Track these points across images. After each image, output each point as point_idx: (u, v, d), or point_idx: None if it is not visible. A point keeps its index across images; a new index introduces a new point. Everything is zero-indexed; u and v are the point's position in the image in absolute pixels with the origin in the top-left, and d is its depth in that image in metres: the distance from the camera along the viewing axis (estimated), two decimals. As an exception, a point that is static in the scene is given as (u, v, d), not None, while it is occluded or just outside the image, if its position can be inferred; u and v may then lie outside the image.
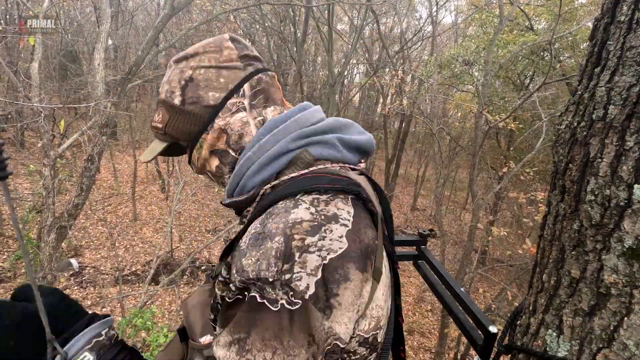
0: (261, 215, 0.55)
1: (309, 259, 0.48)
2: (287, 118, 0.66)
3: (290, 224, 0.50)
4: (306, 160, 0.62)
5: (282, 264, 0.47)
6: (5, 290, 6.43)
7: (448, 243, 11.01)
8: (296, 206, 0.53)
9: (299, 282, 0.47)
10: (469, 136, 11.32)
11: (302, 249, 0.48)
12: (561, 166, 0.70)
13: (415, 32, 13.71)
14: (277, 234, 0.49)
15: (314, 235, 0.49)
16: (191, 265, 7.67)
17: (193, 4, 7.85)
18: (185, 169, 12.04)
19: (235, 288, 0.50)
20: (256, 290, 0.48)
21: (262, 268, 0.47)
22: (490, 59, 5.94)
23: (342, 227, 0.51)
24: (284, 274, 0.47)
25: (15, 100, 5.11)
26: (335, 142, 0.65)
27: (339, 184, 0.56)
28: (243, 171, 0.65)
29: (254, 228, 0.53)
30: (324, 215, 0.52)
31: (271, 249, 0.48)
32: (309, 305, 0.47)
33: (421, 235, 1.22)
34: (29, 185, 8.30)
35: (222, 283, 0.54)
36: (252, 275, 0.48)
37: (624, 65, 0.59)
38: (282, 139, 0.63)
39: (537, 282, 0.75)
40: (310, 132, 0.64)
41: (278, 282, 0.47)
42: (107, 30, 4.26)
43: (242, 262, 0.49)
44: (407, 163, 19.97)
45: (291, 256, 0.48)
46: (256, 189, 0.64)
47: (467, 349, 6.53)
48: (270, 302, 0.47)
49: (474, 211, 6.13)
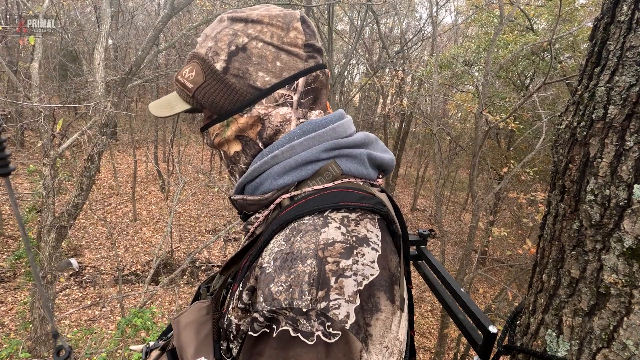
0: (282, 230, 0.51)
1: (345, 284, 0.43)
2: (326, 124, 0.60)
3: (322, 244, 0.46)
4: (333, 173, 0.57)
5: (317, 291, 0.43)
6: (5, 290, 6.43)
7: (448, 243, 11.00)
8: (326, 224, 0.48)
9: (337, 311, 0.42)
10: (469, 136, 11.33)
11: (338, 273, 0.44)
12: (561, 166, 0.70)
13: (415, 32, 13.72)
14: (308, 255, 0.45)
15: (347, 258, 0.45)
16: (191, 265, 7.66)
17: (193, 4, 7.85)
18: (185, 169, 12.05)
19: (263, 319, 0.44)
20: (288, 322, 0.43)
21: (295, 296, 0.43)
22: (491, 59, 5.94)
23: (373, 252, 0.48)
24: (319, 302, 0.42)
25: (15, 100, 5.11)
26: (365, 158, 0.60)
27: (369, 203, 0.53)
28: (264, 168, 0.58)
29: (278, 246, 0.48)
30: (355, 237, 0.48)
31: (303, 274, 0.44)
32: (350, 336, 0.42)
33: (421, 236, 1.22)
34: (29, 185, 8.30)
35: (242, 310, 0.49)
36: (284, 305, 0.43)
37: (624, 65, 0.59)
38: (316, 146, 0.58)
39: (537, 282, 0.75)
40: (344, 144, 0.59)
41: (313, 312, 0.42)
42: (107, 30, 4.26)
43: (271, 289, 0.44)
44: (407, 163, 19.98)
45: (326, 281, 0.43)
46: (272, 193, 0.58)
47: (467, 349, 6.52)
48: (305, 336, 0.42)
49: (474, 211, 6.13)
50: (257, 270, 0.48)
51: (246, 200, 0.61)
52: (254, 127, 0.60)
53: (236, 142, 0.62)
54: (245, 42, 0.59)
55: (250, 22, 0.60)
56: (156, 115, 0.65)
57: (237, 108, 0.59)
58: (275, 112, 0.59)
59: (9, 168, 0.53)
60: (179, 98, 0.64)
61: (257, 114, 0.59)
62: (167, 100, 0.65)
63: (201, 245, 8.02)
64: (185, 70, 0.62)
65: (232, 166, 0.65)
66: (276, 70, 0.59)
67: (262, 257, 0.49)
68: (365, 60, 15.14)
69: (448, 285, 1.01)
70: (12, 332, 5.50)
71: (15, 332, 5.43)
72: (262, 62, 0.58)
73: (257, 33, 0.59)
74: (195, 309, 0.62)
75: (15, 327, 5.59)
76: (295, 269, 0.44)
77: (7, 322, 5.77)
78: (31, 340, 4.43)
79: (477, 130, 5.90)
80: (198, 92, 0.61)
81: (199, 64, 0.60)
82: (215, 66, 0.59)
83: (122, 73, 4.27)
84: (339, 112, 0.64)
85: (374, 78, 10.50)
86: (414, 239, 1.22)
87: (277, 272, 0.45)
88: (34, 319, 4.40)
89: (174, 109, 0.63)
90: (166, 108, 0.64)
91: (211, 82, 0.59)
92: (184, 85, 0.62)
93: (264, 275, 0.46)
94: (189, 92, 0.61)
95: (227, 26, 0.60)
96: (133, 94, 13.14)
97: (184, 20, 11.51)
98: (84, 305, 6.46)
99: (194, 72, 0.61)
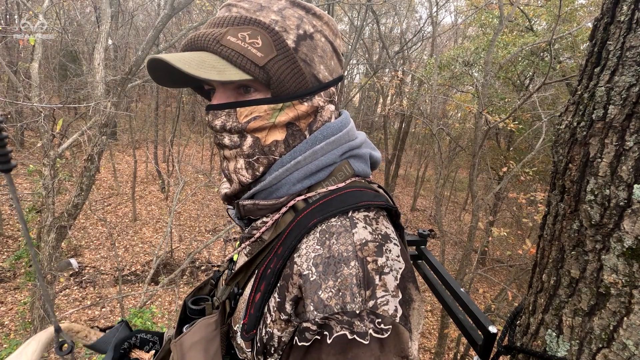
0: (310, 234, 0.50)
1: (387, 280, 0.45)
2: (342, 127, 0.60)
3: (359, 245, 0.46)
4: (346, 173, 0.58)
5: (365, 291, 0.44)
6: (5, 290, 6.43)
7: (448, 243, 11.00)
8: (354, 225, 0.49)
9: (387, 307, 0.44)
10: (469, 137, 11.33)
11: (379, 271, 0.45)
12: (561, 166, 0.70)
13: (415, 32, 13.72)
14: (350, 257, 0.45)
15: (381, 256, 0.46)
16: (191, 265, 7.66)
17: (193, 4, 7.85)
18: (185, 169, 12.04)
19: (316, 327, 0.44)
20: (344, 326, 0.43)
21: (347, 300, 0.43)
22: (490, 59, 5.94)
23: (396, 247, 0.49)
24: (368, 301, 0.43)
25: (15, 100, 5.11)
26: (367, 157, 0.62)
27: (382, 201, 0.54)
28: (284, 175, 0.56)
29: (313, 251, 0.48)
30: (379, 234, 0.49)
31: (350, 276, 0.44)
32: (400, 328, 0.44)
33: (421, 236, 1.22)
34: (29, 185, 8.29)
35: (285, 322, 0.48)
36: (337, 309, 0.43)
37: (624, 65, 0.59)
38: (334, 149, 0.57)
39: (537, 282, 0.75)
40: (354, 145, 0.60)
41: (365, 312, 0.43)
42: (107, 30, 4.25)
43: (321, 296, 0.44)
44: (407, 163, 19.98)
45: (371, 280, 0.44)
46: (287, 197, 0.56)
47: (467, 350, 6.52)
48: (360, 336, 0.43)
49: (474, 211, 6.13)
50: (298, 279, 0.47)
51: (257, 205, 0.57)
52: (309, 117, 0.57)
53: (281, 130, 0.56)
54: (311, 31, 0.56)
55: (312, 14, 0.57)
56: (195, 73, 0.49)
57: (300, 94, 0.55)
58: (327, 107, 0.59)
59: (10, 165, 0.53)
60: (228, 64, 0.52)
61: (316, 105, 0.57)
62: (203, 59, 0.51)
63: (201, 245, 8.01)
64: (244, 34, 0.52)
65: (258, 157, 0.56)
66: (331, 68, 0.59)
67: (298, 264, 0.48)
68: (365, 60, 15.14)
69: (448, 285, 1.01)
70: (12, 332, 5.50)
71: (15, 332, 5.43)
72: (324, 57, 0.57)
73: (320, 27, 0.57)
74: (203, 326, 0.59)
75: (15, 327, 5.59)
76: (342, 273, 0.44)
77: (7, 322, 5.77)
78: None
79: (477, 130, 5.90)
80: (270, 64, 0.52)
81: (266, 33, 0.52)
82: (286, 42, 0.53)
83: (122, 73, 4.27)
84: (347, 114, 0.65)
85: (374, 78, 10.50)
86: (414, 239, 1.22)
87: (322, 277, 0.45)
88: (33, 319, 4.39)
89: (224, 74, 0.51)
90: (209, 69, 0.50)
91: (282, 59, 0.53)
92: (247, 52, 0.51)
93: (309, 283, 0.45)
94: (256, 61, 0.51)
95: (288, 6, 0.56)
96: (133, 94, 13.14)
97: (184, 20, 11.51)
98: (83, 305, 6.46)
99: (261, 42, 0.52)
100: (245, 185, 0.59)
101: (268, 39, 0.52)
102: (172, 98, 17.33)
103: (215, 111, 0.56)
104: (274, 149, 0.56)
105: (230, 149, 0.57)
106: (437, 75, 7.29)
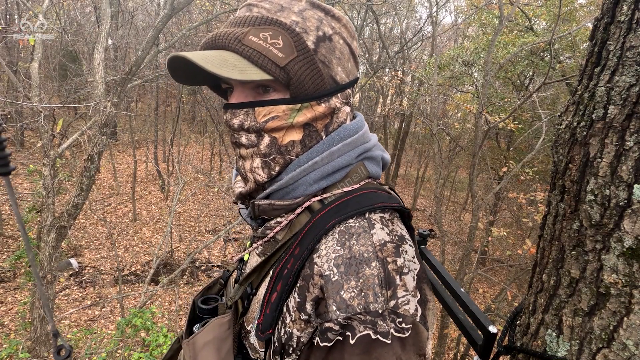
0: (329, 235, 0.50)
1: (407, 280, 0.46)
2: (358, 129, 0.60)
3: (379, 246, 0.47)
4: (361, 175, 0.58)
5: (386, 291, 0.44)
6: (5, 290, 6.43)
7: (448, 243, 11.00)
8: (372, 226, 0.49)
9: (408, 306, 0.45)
10: (469, 136, 11.33)
11: (399, 271, 0.46)
12: (561, 166, 0.70)
13: (415, 32, 13.72)
14: (371, 258, 0.46)
15: (400, 257, 0.47)
16: (191, 265, 7.66)
17: (193, 4, 7.85)
18: (185, 169, 12.04)
19: (339, 327, 0.44)
20: (367, 326, 0.43)
21: (370, 300, 0.44)
22: (490, 59, 5.94)
23: (411, 248, 0.50)
24: (389, 301, 0.44)
25: (15, 100, 5.11)
26: (380, 159, 0.62)
27: (395, 202, 0.54)
28: (302, 175, 0.56)
29: (334, 251, 0.48)
30: (396, 235, 0.50)
31: (372, 276, 0.45)
32: (420, 327, 0.45)
33: (421, 236, 1.22)
34: (29, 185, 8.29)
35: (305, 322, 0.48)
36: (359, 309, 0.44)
37: (624, 65, 0.59)
38: (351, 151, 0.58)
39: (537, 282, 0.75)
40: (369, 147, 0.61)
41: (387, 312, 0.44)
42: (107, 30, 4.25)
43: (343, 296, 0.44)
44: (407, 163, 19.97)
45: (393, 280, 0.45)
46: (303, 198, 0.57)
47: (467, 349, 6.52)
48: (383, 336, 0.43)
49: (474, 211, 6.13)
50: (319, 279, 0.47)
51: (273, 205, 0.57)
52: (325, 118, 0.57)
53: (299, 130, 0.56)
54: (330, 33, 0.56)
55: (331, 16, 0.58)
56: (217, 72, 0.50)
57: (318, 95, 0.55)
58: (343, 108, 0.60)
59: (9, 167, 0.53)
60: (249, 63, 0.52)
61: (333, 106, 0.57)
62: (225, 58, 0.52)
63: (201, 245, 8.02)
64: (265, 35, 0.53)
65: (274, 157, 0.56)
66: (348, 70, 0.59)
67: (318, 265, 0.48)
68: (365, 60, 15.14)
69: (448, 285, 1.01)
70: (12, 332, 5.50)
71: (15, 332, 5.43)
72: (342, 59, 0.58)
73: (339, 30, 0.58)
74: (216, 325, 0.59)
75: (15, 327, 5.59)
76: (363, 273, 0.45)
77: (7, 322, 5.76)
78: (31, 340, 4.43)
79: (477, 130, 5.90)
80: (292, 65, 0.52)
81: (286, 34, 0.53)
82: (307, 43, 0.54)
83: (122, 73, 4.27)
84: (361, 116, 0.65)
85: (374, 78, 10.50)
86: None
87: (344, 278, 0.45)
88: (33, 319, 4.39)
89: (246, 73, 0.51)
90: (230, 68, 0.51)
91: (302, 60, 0.53)
92: (268, 52, 0.52)
93: (331, 283, 0.46)
94: (277, 61, 0.52)
95: (308, 8, 0.56)
96: (133, 94, 13.13)
97: (184, 20, 11.51)
98: (83, 306, 6.46)
99: (282, 42, 0.53)
100: (261, 184, 0.58)
101: (289, 39, 0.53)
102: (172, 98, 17.34)
103: (234, 110, 0.57)
104: (290, 149, 0.56)
105: (247, 148, 0.57)
106: (437, 75, 7.29)
